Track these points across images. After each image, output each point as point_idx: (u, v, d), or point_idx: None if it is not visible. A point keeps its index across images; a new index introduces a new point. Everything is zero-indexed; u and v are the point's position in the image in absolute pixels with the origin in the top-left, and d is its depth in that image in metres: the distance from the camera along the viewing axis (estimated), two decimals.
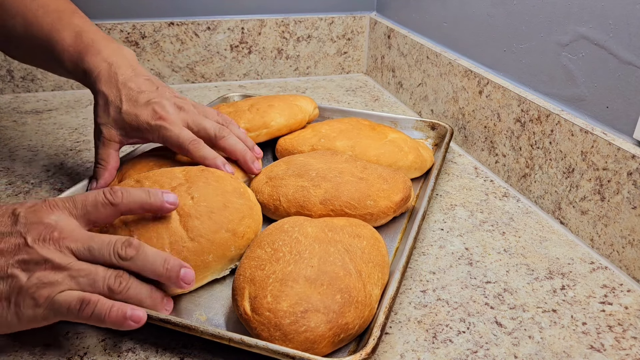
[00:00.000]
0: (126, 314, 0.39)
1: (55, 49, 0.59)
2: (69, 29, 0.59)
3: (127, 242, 0.42)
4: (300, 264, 0.44)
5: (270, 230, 0.49)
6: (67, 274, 0.39)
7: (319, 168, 0.59)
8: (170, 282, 0.43)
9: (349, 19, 1.07)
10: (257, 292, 0.43)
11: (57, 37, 0.59)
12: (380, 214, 0.57)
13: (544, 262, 0.56)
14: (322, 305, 0.41)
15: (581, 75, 0.60)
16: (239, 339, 0.40)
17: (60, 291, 0.39)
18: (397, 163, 0.66)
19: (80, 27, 0.60)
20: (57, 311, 0.39)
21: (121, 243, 0.41)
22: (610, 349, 0.45)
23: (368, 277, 0.46)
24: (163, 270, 0.42)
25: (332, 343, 0.41)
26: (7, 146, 0.76)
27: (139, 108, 0.56)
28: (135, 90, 0.57)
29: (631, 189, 0.52)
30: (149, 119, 0.56)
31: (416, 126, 0.79)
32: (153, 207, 0.45)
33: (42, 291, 0.38)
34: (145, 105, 0.56)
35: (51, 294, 0.38)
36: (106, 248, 0.41)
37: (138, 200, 0.45)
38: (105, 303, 0.39)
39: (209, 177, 0.53)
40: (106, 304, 0.39)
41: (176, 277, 0.43)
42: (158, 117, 0.56)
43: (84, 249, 0.41)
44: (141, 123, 0.56)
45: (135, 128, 0.56)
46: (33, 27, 0.60)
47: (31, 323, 0.39)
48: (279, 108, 0.72)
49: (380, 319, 0.42)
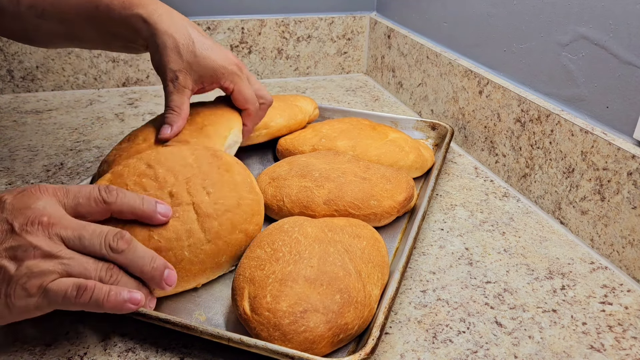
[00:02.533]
0: (125, 297, 0.39)
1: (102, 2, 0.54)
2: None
3: (120, 235, 0.41)
4: (300, 264, 0.44)
5: (270, 231, 0.49)
6: (57, 262, 0.38)
7: (322, 168, 0.59)
8: (153, 281, 0.42)
9: (349, 19, 1.07)
10: (256, 292, 0.43)
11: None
12: (384, 213, 0.57)
13: (544, 262, 0.56)
14: (322, 306, 0.41)
15: (581, 75, 0.60)
16: (238, 339, 0.40)
17: (52, 280, 0.38)
18: (398, 163, 0.66)
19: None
20: (52, 300, 0.38)
21: (113, 235, 0.41)
22: (610, 349, 0.45)
23: (368, 277, 0.46)
24: (149, 268, 0.42)
25: (331, 343, 0.41)
26: (7, 146, 0.76)
27: (214, 52, 0.55)
28: (203, 35, 0.55)
29: (631, 189, 0.52)
30: (226, 63, 0.55)
31: (417, 126, 0.79)
32: (145, 214, 0.45)
33: (33, 281, 0.37)
34: (218, 50, 0.55)
35: (43, 284, 0.37)
36: (97, 239, 0.40)
37: (131, 204, 0.44)
38: (102, 287, 0.38)
39: (220, 165, 0.51)
40: (103, 288, 0.38)
41: (160, 276, 0.42)
42: (234, 63, 0.56)
43: (74, 237, 0.39)
44: (217, 67, 0.54)
45: (211, 72, 0.54)
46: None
47: (23, 314, 0.38)
48: (279, 108, 0.72)
49: (380, 319, 0.42)
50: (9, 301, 0.37)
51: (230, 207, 0.49)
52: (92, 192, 0.43)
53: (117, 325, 0.45)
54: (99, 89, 0.98)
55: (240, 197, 0.50)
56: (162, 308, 0.46)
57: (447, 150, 0.71)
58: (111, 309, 0.39)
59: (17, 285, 0.37)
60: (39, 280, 0.37)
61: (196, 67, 0.53)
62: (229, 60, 0.56)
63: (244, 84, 0.56)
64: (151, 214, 0.45)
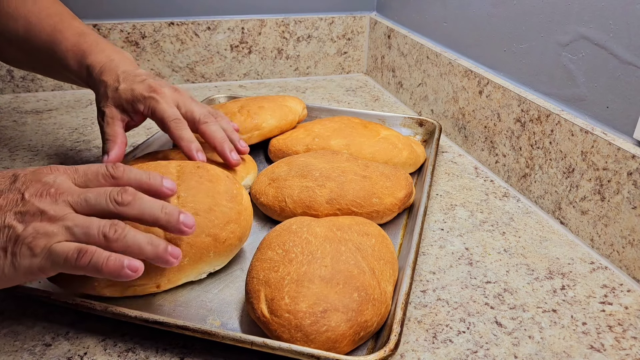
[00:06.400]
0: (123, 263, 0.39)
1: (59, 49, 0.61)
2: (72, 30, 0.61)
3: (123, 189, 0.42)
4: (314, 264, 0.44)
5: (278, 232, 0.49)
6: (62, 225, 0.39)
7: (322, 168, 0.59)
8: (169, 225, 0.42)
9: (349, 19, 1.07)
10: (273, 294, 0.42)
11: (61, 37, 0.61)
12: (386, 211, 0.57)
13: (544, 262, 0.56)
14: (341, 304, 0.42)
15: (581, 75, 0.60)
16: (262, 342, 0.39)
17: (57, 242, 0.39)
18: (393, 160, 0.67)
19: (81, 29, 0.62)
20: (54, 261, 0.39)
21: (117, 190, 0.42)
22: (610, 349, 0.45)
23: (381, 274, 0.46)
24: (162, 214, 0.42)
25: (352, 341, 0.42)
26: (7, 146, 0.76)
27: (135, 84, 0.58)
28: (133, 74, 0.59)
29: (631, 189, 0.52)
30: (143, 91, 0.58)
31: (404, 123, 0.80)
32: (152, 187, 0.45)
33: (38, 241, 0.38)
34: (141, 82, 0.58)
35: (47, 244, 0.38)
36: (102, 196, 0.41)
37: (138, 178, 0.45)
38: (102, 253, 0.39)
39: (203, 175, 0.52)
40: (103, 253, 0.39)
41: (176, 220, 0.42)
42: (152, 89, 0.58)
43: (80, 199, 0.41)
44: (136, 95, 0.57)
45: (131, 101, 0.58)
46: (35, 28, 0.61)
47: (27, 275, 0.39)
48: (269, 109, 0.72)
49: (399, 314, 0.42)
50: (15, 260, 0.38)
51: (199, 211, 0.48)
52: (99, 168, 0.44)
53: (117, 325, 0.45)
54: None
55: (215, 203, 0.50)
56: (174, 315, 0.46)
57: (438, 146, 0.72)
58: (109, 273, 0.39)
59: (22, 244, 0.38)
60: (43, 240, 0.38)
61: (118, 100, 0.58)
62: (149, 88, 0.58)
63: (160, 106, 0.58)
64: (158, 187, 0.45)
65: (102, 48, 0.61)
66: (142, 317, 0.42)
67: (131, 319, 0.42)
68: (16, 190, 0.40)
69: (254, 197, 0.60)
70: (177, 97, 0.59)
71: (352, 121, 0.73)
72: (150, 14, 0.97)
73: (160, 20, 0.97)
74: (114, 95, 0.58)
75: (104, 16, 0.95)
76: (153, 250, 0.41)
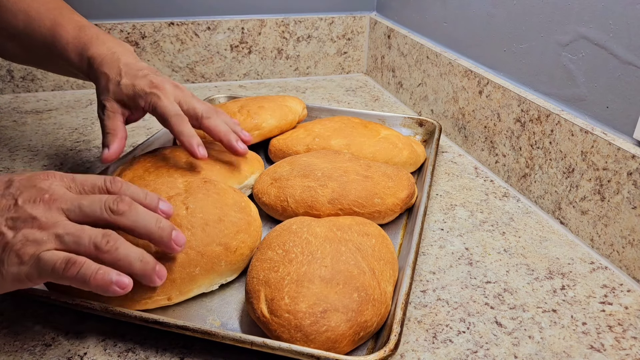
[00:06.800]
0: (112, 279, 0.38)
1: (59, 42, 0.61)
2: (72, 24, 0.62)
3: (120, 198, 0.41)
4: (314, 264, 0.44)
5: (278, 232, 0.49)
6: (52, 232, 0.38)
7: (324, 168, 0.59)
8: (161, 241, 0.42)
9: (349, 19, 1.07)
10: (273, 294, 0.42)
11: (61, 31, 0.61)
12: (387, 211, 0.57)
13: (544, 262, 0.56)
14: (341, 305, 0.42)
15: (581, 75, 0.60)
16: (262, 342, 0.39)
17: (46, 250, 0.38)
18: (393, 159, 0.67)
19: (81, 23, 0.63)
20: (42, 270, 0.38)
21: (113, 199, 0.41)
22: (610, 349, 0.45)
23: (381, 274, 0.46)
24: (155, 228, 0.41)
25: (352, 341, 0.42)
26: (7, 146, 0.76)
27: (137, 79, 0.58)
28: (135, 68, 0.59)
29: (631, 189, 0.52)
30: (145, 87, 0.58)
31: (404, 123, 0.80)
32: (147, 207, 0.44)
33: (27, 248, 0.38)
34: (143, 77, 0.58)
35: (36, 252, 0.38)
36: (97, 203, 0.41)
37: (134, 196, 0.44)
38: (91, 265, 0.38)
39: (210, 189, 0.52)
40: (92, 266, 0.38)
41: (168, 236, 0.42)
42: (154, 86, 0.58)
43: (74, 207, 0.40)
44: (137, 91, 0.57)
45: (132, 96, 0.58)
46: (35, 22, 0.62)
47: (15, 282, 0.38)
48: (269, 109, 0.72)
49: (399, 315, 0.42)
50: (2, 268, 0.38)
51: (209, 221, 0.48)
52: (96, 181, 0.43)
53: (117, 325, 0.45)
54: None
55: (224, 214, 0.50)
56: (174, 315, 0.46)
57: (438, 146, 0.72)
58: (96, 287, 0.38)
59: (11, 251, 0.38)
60: (32, 248, 0.38)
61: (120, 95, 0.58)
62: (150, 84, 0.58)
63: (161, 102, 0.58)
64: (153, 208, 0.45)
65: (103, 40, 0.61)
66: (142, 317, 0.42)
67: (131, 319, 0.42)
68: (10, 196, 0.40)
69: (256, 197, 0.60)
70: (179, 94, 0.59)
71: (352, 121, 0.73)
72: (150, 14, 0.97)
73: (160, 20, 0.97)
74: (116, 89, 0.58)
75: (104, 16, 0.95)
76: (142, 268, 0.41)
